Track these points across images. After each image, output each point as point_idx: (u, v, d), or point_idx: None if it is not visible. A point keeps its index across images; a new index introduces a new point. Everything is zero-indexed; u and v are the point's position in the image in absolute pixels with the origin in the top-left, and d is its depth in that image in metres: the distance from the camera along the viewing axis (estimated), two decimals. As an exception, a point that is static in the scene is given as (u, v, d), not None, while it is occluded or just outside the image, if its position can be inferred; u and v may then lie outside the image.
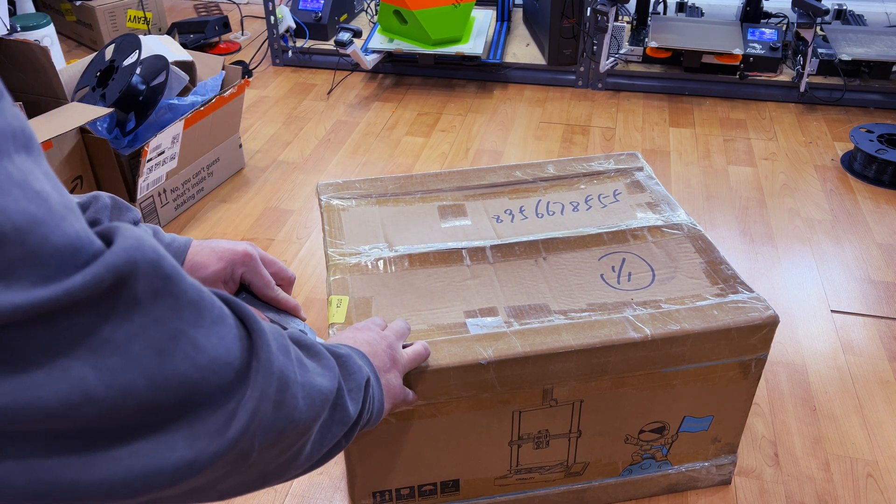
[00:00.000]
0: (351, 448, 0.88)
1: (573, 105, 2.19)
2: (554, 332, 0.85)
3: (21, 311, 0.30)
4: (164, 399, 0.36)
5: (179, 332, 0.37)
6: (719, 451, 1.01)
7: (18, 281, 0.30)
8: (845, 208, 1.70)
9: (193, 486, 0.40)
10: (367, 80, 2.35)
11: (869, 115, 2.12)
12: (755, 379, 0.93)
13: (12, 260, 0.30)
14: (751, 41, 2.19)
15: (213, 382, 0.39)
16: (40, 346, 0.32)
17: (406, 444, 0.89)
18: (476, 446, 0.91)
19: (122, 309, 0.34)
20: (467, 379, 0.84)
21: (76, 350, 0.33)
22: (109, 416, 0.34)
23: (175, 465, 0.37)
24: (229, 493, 0.45)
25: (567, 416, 0.91)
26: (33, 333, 0.31)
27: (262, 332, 0.43)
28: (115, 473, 0.35)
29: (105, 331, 0.34)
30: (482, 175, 1.15)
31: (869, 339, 1.32)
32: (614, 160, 1.19)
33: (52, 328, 0.32)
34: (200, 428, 0.38)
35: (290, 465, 0.50)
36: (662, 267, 0.96)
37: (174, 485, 0.38)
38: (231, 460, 0.41)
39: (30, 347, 0.31)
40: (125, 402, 0.34)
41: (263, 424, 0.42)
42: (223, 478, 0.42)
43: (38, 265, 0.31)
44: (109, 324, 0.34)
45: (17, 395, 0.31)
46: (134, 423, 0.36)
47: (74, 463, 0.34)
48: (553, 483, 0.98)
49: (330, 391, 0.52)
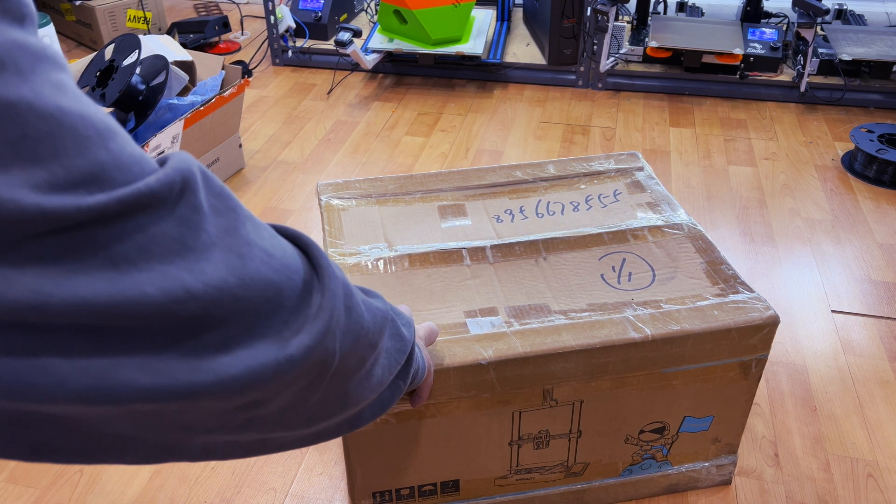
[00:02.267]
0: (351, 448, 0.88)
1: (573, 105, 2.19)
2: (554, 332, 0.85)
3: (113, 208, 0.32)
4: (254, 297, 0.38)
5: (249, 239, 0.39)
6: (720, 451, 1.01)
7: (109, 182, 0.32)
8: (846, 208, 1.70)
9: (290, 391, 0.42)
10: (367, 80, 2.35)
11: (869, 115, 2.11)
12: (755, 379, 0.93)
13: (101, 162, 0.32)
14: (751, 41, 2.19)
15: (290, 286, 0.41)
16: (137, 246, 0.33)
17: (406, 444, 0.89)
18: (476, 446, 0.91)
19: (196, 217, 0.36)
20: (467, 379, 0.83)
21: (168, 256, 0.34)
22: (211, 314, 0.36)
23: (276, 360, 0.39)
24: (318, 413, 0.47)
25: (567, 416, 0.91)
26: (129, 232, 0.33)
27: (315, 247, 0.45)
28: (228, 367, 0.37)
29: (188, 238, 0.35)
30: (482, 175, 1.15)
31: (869, 339, 1.32)
32: (614, 160, 1.19)
33: (144, 230, 0.34)
34: (290, 325, 0.40)
35: (366, 385, 0.52)
36: (663, 267, 0.96)
37: (274, 381, 0.39)
38: (318, 360, 0.42)
39: (128, 248, 0.33)
40: (222, 298, 0.36)
41: (340, 326, 0.45)
42: (314, 385, 0.44)
43: (120, 169, 0.33)
44: (190, 231, 0.36)
45: (127, 290, 0.33)
46: (232, 321, 0.37)
47: (182, 366, 0.36)
48: (553, 483, 0.98)
49: (385, 311, 0.54)
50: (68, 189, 0.31)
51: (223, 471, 1.08)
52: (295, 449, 0.51)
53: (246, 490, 1.06)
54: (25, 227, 0.30)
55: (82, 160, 0.32)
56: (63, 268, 0.31)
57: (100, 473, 1.08)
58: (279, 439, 0.47)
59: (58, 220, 0.31)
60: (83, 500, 1.04)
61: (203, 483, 1.07)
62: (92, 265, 0.32)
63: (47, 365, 0.32)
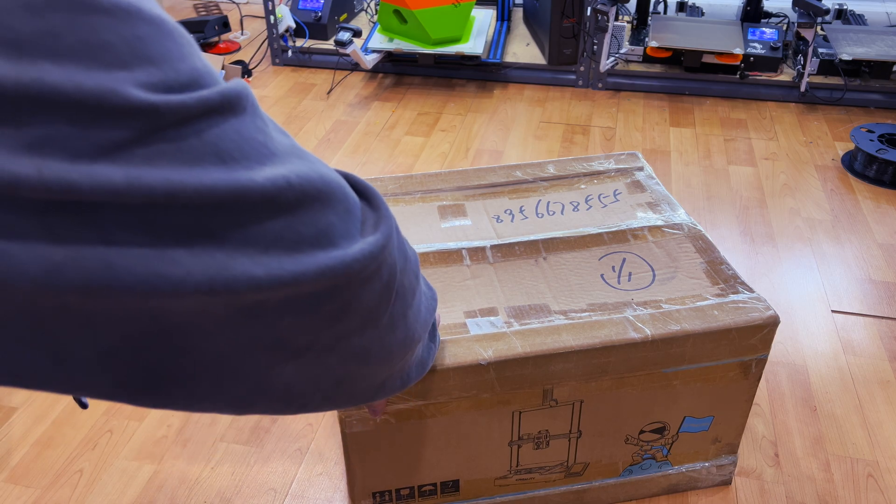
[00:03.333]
0: (350, 448, 0.88)
1: (573, 105, 2.19)
2: (554, 332, 0.85)
3: (215, 103, 0.35)
4: (333, 194, 0.42)
5: (305, 154, 0.43)
6: (720, 451, 1.01)
7: (205, 86, 0.35)
8: (846, 208, 1.70)
9: (368, 292, 0.45)
10: (367, 80, 2.35)
11: (869, 115, 2.11)
12: (755, 379, 0.93)
13: (198, 69, 0.35)
14: (751, 41, 2.19)
15: (353, 195, 0.45)
16: (235, 145, 0.36)
17: (406, 444, 0.89)
18: (476, 447, 0.91)
19: (267, 127, 0.39)
20: (467, 379, 0.83)
21: (259, 156, 0.38)
22: (304, 204, 0.39)
23: (360, 250, 0.43)
24: (387, 344, 0.50)
25: (567, 416, 0.91)
26: (227, 132, 0.36)
27: (355, 177, 0.49)
28: (324, 257, 0.40)
29: (268, 143, 0.39)
30: (482, 175, 1.15)
31: (869, 339, 1.32)
32: (614, 160, 1.19)
33: (239, 132, 0.37)
34: (365, 224, 0.45)
35: (418, 319, 0.55)
36: (663, 267, 0.96)
37: (359, 271, 0.43)
38: (387, 260, 0.46)
39: (229, 146, 0.36)
40: (311, 190, 0.40)
41: (395, 241, 0.48)
42: (385, 295, 0.47)
43: (211, 76, 0.36)
44: (268, 137, 0.39)
45: (240, 179, 0.36)
46: (321, 214, 0.41)
47: (287, 258, 0.39)
48: (553, 483, 0.98)
49: (416, 255, 0.56)
50: (179, 89, 0.34)
51: (223, 471, 1.08)
52: (360, 404, 0.53)
53: (246, 490, 1.05)
54: (151, 122, 0.32)
55: (185, 65, 0.35)
56: (185, 161, 0.34)
57: (100, 473, 1.08)
58: (353, 382, 0.49)
59: (176, 115, 0.33)
60: (83, 500, 1.04)
61: (203, 483, 1.06)
62: (206, 160, 0.35)
63: (174, 256, 0.35)
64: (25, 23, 0.30)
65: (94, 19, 0.31)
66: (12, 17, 0.29)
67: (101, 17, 0.32)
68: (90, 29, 0.31)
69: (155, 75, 0.33)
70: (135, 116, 0.32)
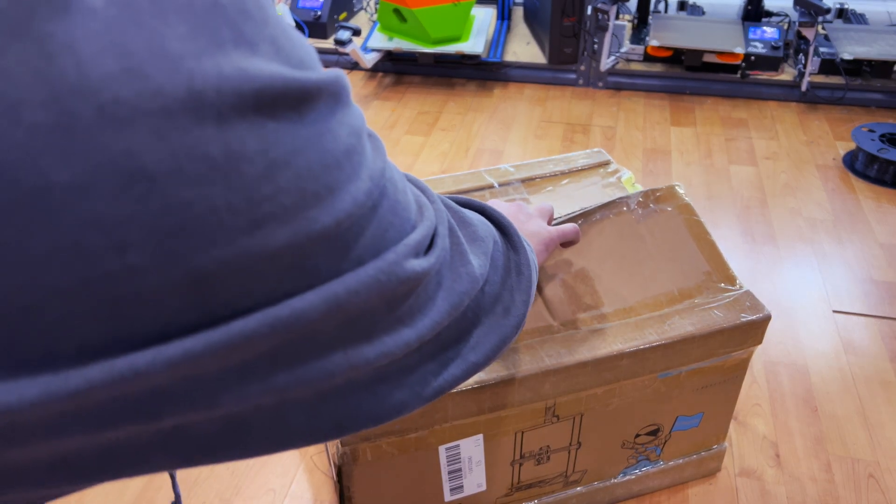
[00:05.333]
0: (351, 478, 0.85)
1: (574, 104, 2.19)
2: (554, 347, 0.84)
3: (306, 88, 0.34)
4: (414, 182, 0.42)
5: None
6: (710, 441, 1.02)
7: (303, 64, 0.35)
8: (847, 208, 1.70)
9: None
10: (367, 79, 2.35)
11: (871, 115, 2.11)
12: (744, 370, 0.94)
13: (309, 51, 0.35)
14: (752, 40, 2.19)
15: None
16: (328, 106, 0.35)
17: (405, 472, 0.87)
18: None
19: (357, 117, 0.39)
20: (467, 403, 0.82)
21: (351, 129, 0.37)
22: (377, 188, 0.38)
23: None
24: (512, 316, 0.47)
25: (568, 430, 0.90)
26: (340, 115, 0.35)
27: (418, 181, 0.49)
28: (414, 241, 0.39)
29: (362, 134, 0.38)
30: (460, 181, 1.13)
31: (871, 339, 1.31)
32: (587, 157, 1.17)
33: (346, 114, 0.36)
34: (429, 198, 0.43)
35: (507, 285, 0.50)
36: (658, 267, 0.96)
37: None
38: (453, 239, 0.44)
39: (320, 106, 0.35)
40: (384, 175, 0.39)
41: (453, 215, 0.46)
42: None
43: (313, 58, 0.35)
44: (347, 119, 0.38)
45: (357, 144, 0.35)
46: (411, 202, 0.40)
47: (402, 255, 0.37)
48: (551, 492, 0.98)
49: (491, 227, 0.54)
50: (300, 67, 0.34)
51: (222, 471, 1.08)
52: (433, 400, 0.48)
53: (245, 491, 1.05)
54: (282, 96, 0.32)
55: (299, 51, 0.35)
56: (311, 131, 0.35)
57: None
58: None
59: (302, 89, 0.33)
60: (83, 500, 1.04)
61: (202, 484, 1.06)
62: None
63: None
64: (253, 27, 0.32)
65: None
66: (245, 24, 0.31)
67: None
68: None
69: (281, 57, 0.34)
70: (269, 92, 0.33)
